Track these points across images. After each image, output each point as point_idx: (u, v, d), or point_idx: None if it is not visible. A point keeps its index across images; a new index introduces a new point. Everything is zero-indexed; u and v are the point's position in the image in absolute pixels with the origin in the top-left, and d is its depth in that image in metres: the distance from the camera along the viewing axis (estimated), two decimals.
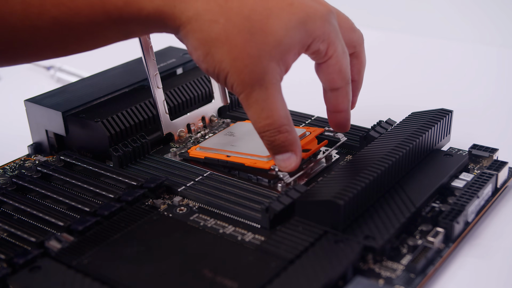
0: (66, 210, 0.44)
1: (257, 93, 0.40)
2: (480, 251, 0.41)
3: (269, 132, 0.41)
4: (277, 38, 0.40)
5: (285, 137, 0.42)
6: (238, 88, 0.41)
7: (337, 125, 0.46)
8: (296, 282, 0.34)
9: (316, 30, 0.41)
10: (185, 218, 0.44)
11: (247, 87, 0.40)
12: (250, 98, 0.41)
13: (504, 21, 0.89)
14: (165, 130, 0.52)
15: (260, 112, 0.41)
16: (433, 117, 0.48)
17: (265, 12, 0.40)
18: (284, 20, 0.40)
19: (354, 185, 0.39)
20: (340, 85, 0.44)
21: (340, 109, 0.45)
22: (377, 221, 0.39)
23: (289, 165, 0.42)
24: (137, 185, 0.46)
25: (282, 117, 0.41)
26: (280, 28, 0.40)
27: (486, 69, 0.73)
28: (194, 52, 0.41)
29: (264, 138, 0.42)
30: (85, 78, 0.58)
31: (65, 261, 0.37)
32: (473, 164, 0.48)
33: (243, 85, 0.40)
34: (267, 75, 0.40)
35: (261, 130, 0.42)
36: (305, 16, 0.40)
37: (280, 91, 0.41)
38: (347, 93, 0.45)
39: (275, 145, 0.42)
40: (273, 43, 0.40)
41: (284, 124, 0.41)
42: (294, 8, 0.40)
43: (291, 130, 0.42)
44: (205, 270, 0.36)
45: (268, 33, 0.40)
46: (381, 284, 0.37)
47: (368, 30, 0.86)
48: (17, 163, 0.53)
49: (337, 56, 0.42)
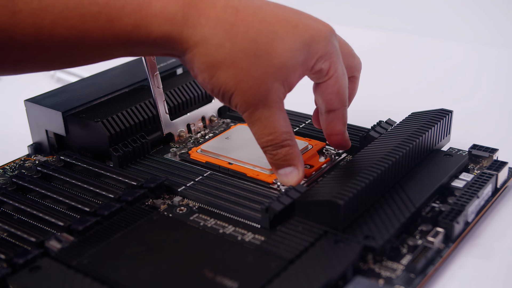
0: (66, 210, 0.44)
1: (260, 111, 0.42)
2: (480, 251, 0.41)
3: (271, 147, 0.43)
4: (282, 60, 0.41)
5: (286, 151, 0.43)
6: (242, 108, 0.42)
7: (336, 146, 0.47)
8: (296, 282, 0.34)
9: (319, 51, 0.42)
10: (185, 218, 0.44)
11: (251, 106, 0.41)
12: (253, 116, 0.42)
13: (505, 21, 0.89)
14: (165, 130, 0.52)
15: (263, 129, 0.42)
16: (433, 117, 0.48)
17: (271, 35, 0.40)
18: (289, 42, 0.41)
19: (354, 185, 0.39)
20: (337, 107, 0.45)
21: (337, 131, 0.46)
22: (377, 221, 0.39)
23: (292, 179, 0.44)
24: (137, 185, 0.46)
25: (284, 132, 0.42)
26: (285, 50, 0.41)
27: (486, 69, 0.73)
28: (200, 75, 0.42)
29: (267, 153, 0.43)
30: (85, 78, 0.58)
31: (65, 261, 0.37)
32: (473, 164, 0.48)
33: (247, 104, 0.41)
34: (270, 95, 0.41)
35: (264, 145, 0.43)
36: (309, 38, 0.41)
37: (283, 108, 0.43)
38: (343, 116, 0.45)
39: (277, 159, 0.43)
40: (278, 65, 0.41)
41: (286, 139, 0.43)
42: (298, 30, 0.41)
43: (293, 144, 0.43)
44: (205, 270, 0.36)
45: (273, 56, 0.40)
46: (381, 284, 0.37)
47: (368, 30, 0.86)
48: (17, 163, 0.53)
49: (337, 76, 0.43)
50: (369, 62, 0.76)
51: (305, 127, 0.54)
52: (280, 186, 0.46)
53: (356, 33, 0.86)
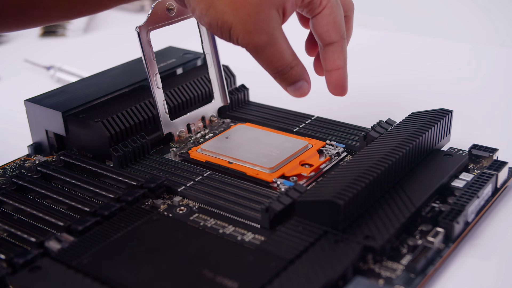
0: (66, 210, 0.44)
1: (264, 40, 0.42)
2: (480, 251, 0.41)
3: (282, 72, 0.44)
4: None
5: (295, 71, 0.44)
6: (244, 39, 0.42)
7: (334, 85, 0.47)
8: (296, 282, 0.34)
9: None
10: (185, 218, 0.44)
11: (254, 36, 0.42)
12: (257, 46, 0.42)
13: (503, 21, 0.89)
14: (165, 130, 0.52)
15: (272, 57, 0.43)
16: (433, 117, 0.48)
17: None
18: None
19: (354, 185, 0.39)
20: (335, 39, 0.45)
21: (337, 65, 0.46)
22: (377, 221, 0.39)
23: (303, 92, 0.45)
24: (137, 185, 0.46)
25: (291, 55, 0.43)
26: None
27: (486, 69, 0.73)
28: (197, 6, 0.42)
29: (277, 78, 0.44)
30: (85, 78, 0.58)
31: (65, 261, 0.37)
32: (473, 164, 0.48)
33: (249, 34, 0.42)
34: (270, 21, 0.42)
35: (274, 71, 0.44)
36: None
37: (283, 33, 0.43)
38: (342, 49, 0.46)
39: (288, 80, 0.44)
40: None
41: (293, 60, 0.44)
42: None
43: (299, 62, 0.44)
44: (205, 270, 0.36)
45: None
46: (381, 284, 0.37)
47: (368, 30, 0.86)
48: (17, 163, 0.53)
49: (331, 6, 0.44)
50: (369, 61, 0.76)
51: (305, 127, 0.54)
52: (280, 186, 0.46)
53: (355, 33, 0.86)
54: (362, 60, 0.77)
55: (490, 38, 0.86)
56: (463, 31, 0.89)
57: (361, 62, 0.77)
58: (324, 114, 0.57)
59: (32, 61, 0.77)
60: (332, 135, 0.53)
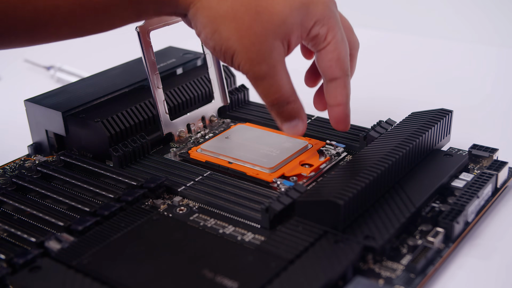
0: (66, 210, 0.44)
1: (265, 70, 0.42)
2: (480, 251, 0.41)
3: (278, 105, 0.44)
4: (281, 18, 0.42)
5: (292, 107, 0.44)
6: (246, 66, 0.42)
7: (336, 121, 0.46)
8: (296, 282, 0.34)
9: (317, 13, 0.43)
10: (185, 218, 0.44)
11: (255, 65, 0.42)
12: (258, 75, 0.43)
13: (503, 21, 0.89)
14: (165, 130, 0.52)
15: (270, 88, 0.43)
16: (433, 117, 0.48)
17: None
18: (288, 1, 0.42)
19: (354, 185, 0.39)
20: (339, 75, 0.45)
21: (338, 101, 0.46)
22: (377, 221, 0.39)
23: (298, 130, 0.45)
24: (137, 185, 0.46)
25: (289, 90, 0.44)
26: (285, 8, 0.42)
27: (486, 69, 0.73)
28: (203, 30, 0.43)
29: (273, 111, 0.45)
30: (85, 78, 0.58)
31: (65, 261, 0.37)
32: (473, 164, 0.48)
33: (251, 62, 0.42)
34: (273, 52, 0.42)
35: (271, 103, 0.44)
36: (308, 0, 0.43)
37: (285, 67, 0.43)
38: (345, 85, 0.45)
39: (284, 115, 0.44)
40: (278, 22, 0.42)
41: (291, 96, 0.44)
42: None
43: (297, 99, 0.44)
44: (205, 270, 0.36)
45: (274, 13, 0.42)
46: (381, 284, 0.37)
47: (368, 30, 0.86)
48: (17, 163, 0.53)
49: (336, 42, 0.44)
50: (369, 62, 0.76)
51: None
52: (280, 186, 0.46)
53: (355, 33, 0.86)
54: (362, 60, 0.77)
55: (490, 38, 0.86)
56: (463, 31, 0.90)
57: (361, 62, 0.77)
58: (324, 114, 0.57)
59: (32, 61, 0.77)
60: (332, 135, 0.53)
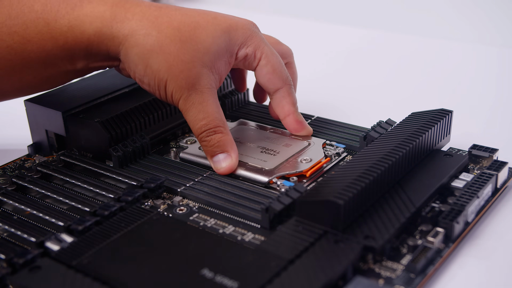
0: (66, 210, 0.44)
1: (194, 96, 0.44)
2: (480, 251, 0.41)
3: (205, 133, 0.45)
4: (205, 46, 0.45)
5: (219, 137, 0.45)
6: (176, 94, 0.44)
7: (292, 129, 0.50)
8: (296, 282, 0.34)
9: (240, 38, 0.46)
10: (185, 218, 0.44)
11: (184, 92, 0.44)
12: (187, 102, 0.44)
13: (504, 21, 0.89)
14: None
15: (197, 114, 0.45)
16: (433, 117, 0.48)
17: (193, 24, 0.45)
18: (210, 30, 0.45)
19: (354, 185, 0.39)
20: (279, 85, 0.47)
21: (286, 111, 0.49)
22: (377, 221, 0.39)
23: (225, 164, 0.46)
24: (137, 185, 0.46)
25: (218, 119, 0.45)
26: (207, 37, 0.45)
27: (486, 69, 0.73)
28: (136, 69, 0.45)
29: (201, 140, 0.46)
30: (85, 78, 0.57)
31: (65, 261, 0.37)
32: (473, 164, 0.48)
33: (181, 90, 0.44)
34: (201, 79, 0.44)
35: (198, 131, 0.45)
36: (228, 27, 0.46)
37: (216, 96, 0.45)
38: (289, 93, 0.48)
39: (211, 145, 0.46)
40: (203, 50, 0.44)
41: (219, 125, 0.45)
42: (218, 20, 0.46)
43: (226, 132, 0.46)
44: (205, 270, 0.36)
45: (198, 41, 0.44)
46: (381, 284, 0.37)
47: (368, 30, 0.86)
48: (17, 163, 0.53)
49: (267, 56, 0.46)
50: (369, 62, 0.76)
51: None
52: (280, 186, 0.46)
53: (355, 33, 0.86)
54: (362, 60, 0.77)
55: (490, 38, 0.86)
56: (463, 31, 0.90)
57: (361, 62, 0.77)
58: (324, 114, 0.57)
59: None
60: (332, 135, 0.53)
